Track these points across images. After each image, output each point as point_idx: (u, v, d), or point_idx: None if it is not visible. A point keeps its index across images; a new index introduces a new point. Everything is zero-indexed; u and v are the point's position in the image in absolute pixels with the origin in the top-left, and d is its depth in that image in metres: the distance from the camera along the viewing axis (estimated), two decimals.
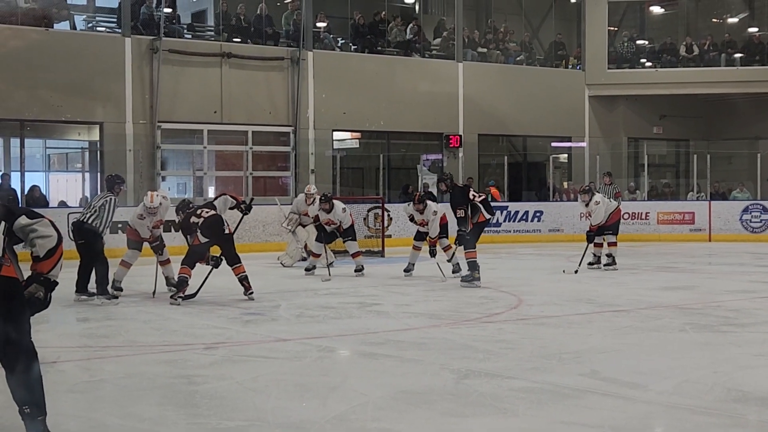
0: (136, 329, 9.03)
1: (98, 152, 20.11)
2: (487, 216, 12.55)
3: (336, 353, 7.84)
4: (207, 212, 11.11)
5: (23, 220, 4.61)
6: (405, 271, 14.00)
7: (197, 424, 5.41)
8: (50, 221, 4.68)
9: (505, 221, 22.14)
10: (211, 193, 21.60)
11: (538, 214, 22.40)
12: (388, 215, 19.31)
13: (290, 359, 7.38)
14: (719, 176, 24.24)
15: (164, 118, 20.00)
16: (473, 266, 12.28)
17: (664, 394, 6.02)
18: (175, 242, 15.58)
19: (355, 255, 14.48)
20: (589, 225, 15.07)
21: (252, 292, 11.04)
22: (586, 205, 15.01)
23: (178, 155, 22.16)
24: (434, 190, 19.67)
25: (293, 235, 16.31)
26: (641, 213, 22.53)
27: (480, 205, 12.42)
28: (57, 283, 4.68)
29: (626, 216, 22.35)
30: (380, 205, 18.82)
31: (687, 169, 26.09)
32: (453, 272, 13.41)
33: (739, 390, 6.08)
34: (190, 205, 11.91)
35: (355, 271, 14.11)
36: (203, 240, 10.94)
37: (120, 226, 15.88)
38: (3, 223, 4.61)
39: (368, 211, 18.70)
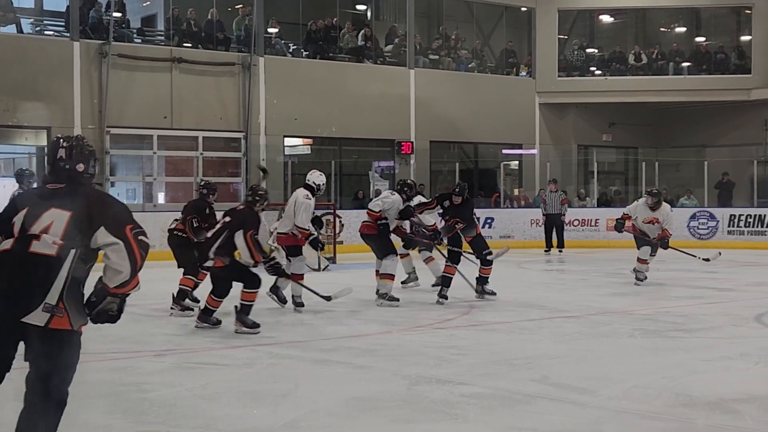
0: (84, 337, 8.86)
1: (46, 157, 19.85)
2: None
3: (287, 360, 7.79)
4: None
5: (101, 234, 3.96)
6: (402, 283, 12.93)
7: None
8: (134, 244, 4.00)
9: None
10: (161, 199, 21.42)
11: (489, 221, 22.49)
12: (340, 221, 19.26)
13: (241, 366, 7.32)
14: (667, 183, 24.52)
15: (113, 123, 19.81)
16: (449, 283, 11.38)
17: (614, 400, 6.05)
18: None
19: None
20: (663, 230, 13.44)
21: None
22: (652, 209, 13.46)
23: (128, 161, 21.96)
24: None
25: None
26: (591, 220, 22.72)
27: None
28: (127, 295, 4.14)
29: (576, 223, 22.57)
30: (332, 211, 18.78)
31: (636, 176, 26.37)
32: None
33: (687, 395, 6.13)
34: None
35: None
36: None
37: None
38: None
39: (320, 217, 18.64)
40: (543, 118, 26.43)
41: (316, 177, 10.87)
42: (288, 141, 22.82)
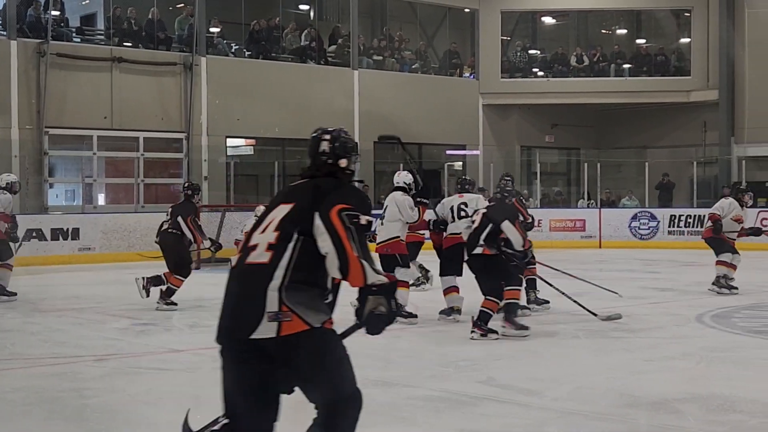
0: (22, 341, 8.74)
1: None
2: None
3: None
4: None
5: (316, 221, 3.58)
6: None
7: None
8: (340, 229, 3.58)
9: None
10: (101, 200, 21.15)
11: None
12: None
13: (184, 371, 7.23)
14: (609, 184, 24.76)
15: (52, 124, 19.50)
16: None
17: (559, 400, 6.07)
18: None
19: None
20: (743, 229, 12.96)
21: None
22: (745, 206, 12.86)
23: (67, 162, 21.65)
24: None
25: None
26: (534, 220, 22.81)
27: None
28: (394, 285, 3.75)
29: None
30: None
31: (578, 177, 26.61)
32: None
33: (631, 395, 6.17)
34: None
35: None
36: None
37: None
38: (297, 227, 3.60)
39: None
40: (486, 119, 26.55)
41: (404, 177, 10.32)
42: (230, 142, 22.67)
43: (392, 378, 6.80)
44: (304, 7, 25.64)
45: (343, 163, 3.89)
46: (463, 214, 10.06)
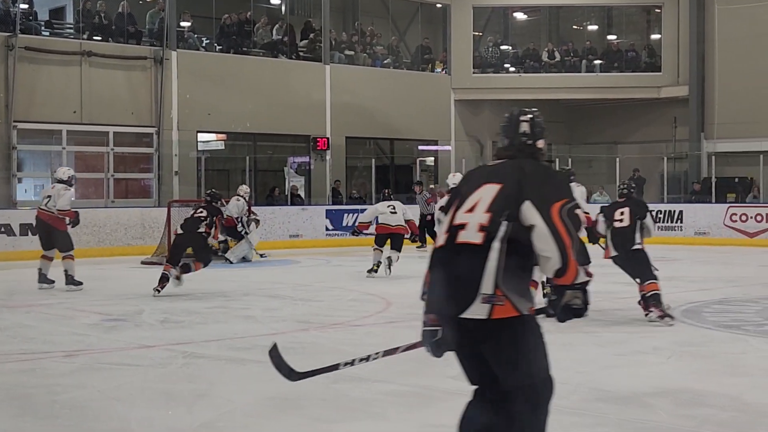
0: None
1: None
2: None
3: (202, 359, 7.67)
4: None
5: (526, 210, 3.57)
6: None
7: None
8: (560, 225, 3.55)
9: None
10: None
11: None
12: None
13: (155, 366, 7.18)
14: (580, 180, 24.67)
15: (21, 118, 19.35)
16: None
17: None
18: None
19: None
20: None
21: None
22: None
23: (36, 156, 21.47)
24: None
25: (252, 237, 17.07)
26: None
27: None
28: (588, 281, 3.78)
29: None
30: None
31: None
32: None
33: (601, 389, 6.19)
34: None
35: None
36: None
37: None
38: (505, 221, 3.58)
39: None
40: (458, 114, 26.59)
41: (459, 178, 10.37)
42: (201, 136, 22.57)
43: (364, 373, 6.77)
44: (275, 1, 25.58)
45: (540, 144, 3.91)
46: None
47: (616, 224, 9.72)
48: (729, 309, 10.38)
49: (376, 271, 14.17)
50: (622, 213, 9.70)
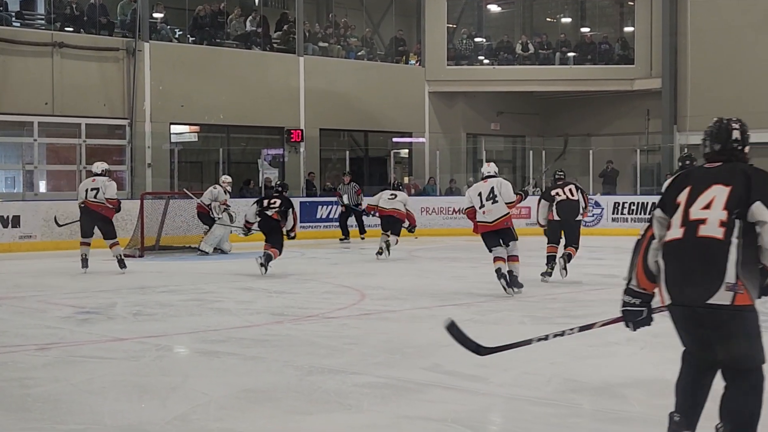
0: None
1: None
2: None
3: (175, 352, 7.64)
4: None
5: (756, 209, 4.03)
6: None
7: (30, 429, 5.15)
8: None
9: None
10: (42, 188, 20.84)
11: None
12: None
13: (128, 359, 7.14)
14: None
15: None
16: None
17: (505, 386, 6.10)
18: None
19: None
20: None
21: None
22: None
23: (7, 148, 21.30)
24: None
25: (224, 223, 17.12)
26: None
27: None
28: None
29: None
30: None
31: (523, 164, 26.78)
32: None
33: (575, 380, 6.21)
34: None
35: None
36: None
37: None
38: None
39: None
40: (432, 106, 26.59)
41: (494, 167, 11.95)
42: (174, 128, 22.44)
43: (338, 365, 6.78)
44: None
45: (747, 149, 4.37)
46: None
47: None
48: None
49: (380, 254, 15.95)
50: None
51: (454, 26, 27.86)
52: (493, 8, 29.31)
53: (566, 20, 29.07)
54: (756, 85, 23.75)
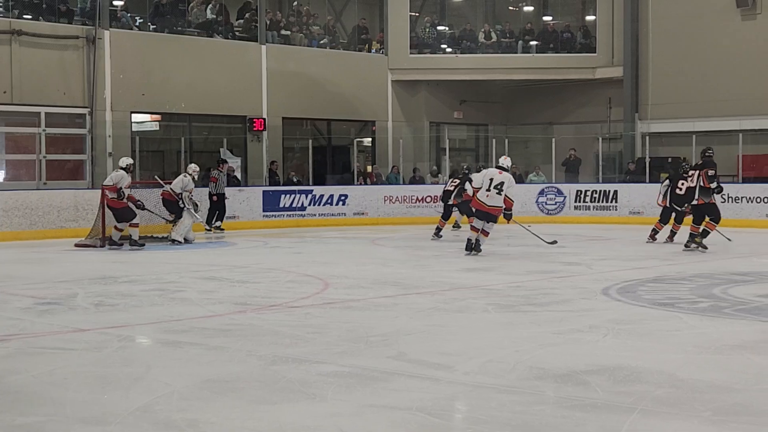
0: None
1: None
2: None
3: (138, 343, 7.57)
4: None
5: None
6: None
7: None
8: None
9: (310, 205, 22.14)
10: (1, 177, 20.59)
11: (343, 198, 22.50)
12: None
13: (89, 350, 7.06)
14: (516, 160, 24.97)
15: None
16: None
17: (470, 374, 6.09)
18: None
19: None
20: None
21: None
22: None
23: None
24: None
25: (191, 212, 16.93)
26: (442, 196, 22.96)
27: None
28: None
29: (428, 199, 22.82)
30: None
31: (486, 152, 26.84)
32: None
33: (539, 368, 6.22)
34: None
35: None
36: None
37: None
38: None
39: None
40: (395, 95, 26.57)
41: (508, 161, 14.80)
42: (135, 117, 22.27)
43: (301, 354, 6.75)
44: None
45: None
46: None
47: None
48: (663, 287, 10.51)
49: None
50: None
51: (417, 14, 27.83)
52: None
53: (528, 9, 29.13)
54: (717, 74, 23.95)
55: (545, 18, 28.42)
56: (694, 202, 15.01)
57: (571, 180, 24.02)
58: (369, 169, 26.23)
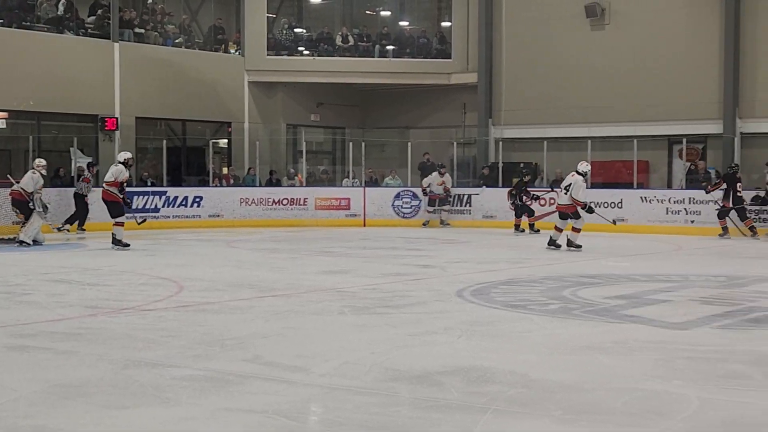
0: None
1: None
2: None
3: None
4: None
5: None
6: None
7: None
8: None
9: (164, 206, 21.73)
10: None
11: (198, 200, 22.18)
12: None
13: None
14: (373, 164, 25.17)
15: None
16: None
17: (326, 377, 6.09)
18: None
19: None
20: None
21: None
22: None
23: None
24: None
25: (40, 214, 16.34)
26: (300, 199, 22.93)
27: None
28: None
29: (285, 202, 22.73)
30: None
31: (343, 156, 26.89)
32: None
33: (395, 369, 6.27)
34: None
35: None
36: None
37: None
38: None
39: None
40: (252, 96, 26.37)
41: (586, 166, 16.29)
42: None
43: (155, 358, 6.62)
44: None
45: None
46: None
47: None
48: (515, 289, 10.74)
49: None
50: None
51: (275, 16, 27.68)
52: None
53: (386, 13, 29.34)
54: (567, 82, 24.61)
55: (402, 23, 28.68)
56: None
57: None
58: (225, 170, 25.92)
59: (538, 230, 19.55)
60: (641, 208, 20.81)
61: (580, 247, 15.77)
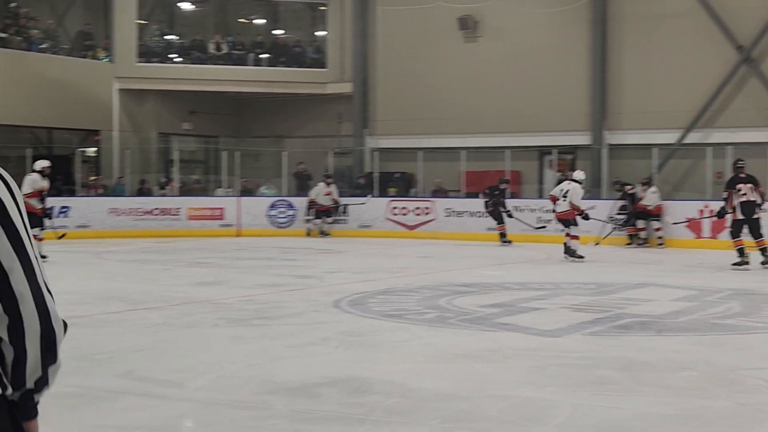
0: None
1: None
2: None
3: None
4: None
5: None
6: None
7: None
8: None
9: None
10: None
11: (64, 210, 21.54)
12: None
13: None
14: (248, 173, 24.94)
15: None
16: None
17: (201, 391, 5.96)
18: None
19: None
20: None
21: None
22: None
23: None
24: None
25: None
26: (172, 209, 22.53)
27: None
28: None
29: (156, 212, 22.31)
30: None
31: (217, 165, 26.54)
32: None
33: (272, 381, 6.18)
34: None
35: None
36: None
37: None
38: None
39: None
40: (122, 104, 25.80)
41: (582, 174, 16.74)
42: None
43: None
44: None
45: None
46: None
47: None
48: (392, 299, 10.75)
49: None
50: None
51: (146, 22, 27.18)
52: (186, 6, 28.92)
53: (260, 21, 29.16)
54: (442, 93, 24.84)
55: (276, 32, 28.54)
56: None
57: (301, 193, 24.15)
58: (93, 179, 25.27)
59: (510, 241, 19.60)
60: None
61: (582, 257, 15.77)
